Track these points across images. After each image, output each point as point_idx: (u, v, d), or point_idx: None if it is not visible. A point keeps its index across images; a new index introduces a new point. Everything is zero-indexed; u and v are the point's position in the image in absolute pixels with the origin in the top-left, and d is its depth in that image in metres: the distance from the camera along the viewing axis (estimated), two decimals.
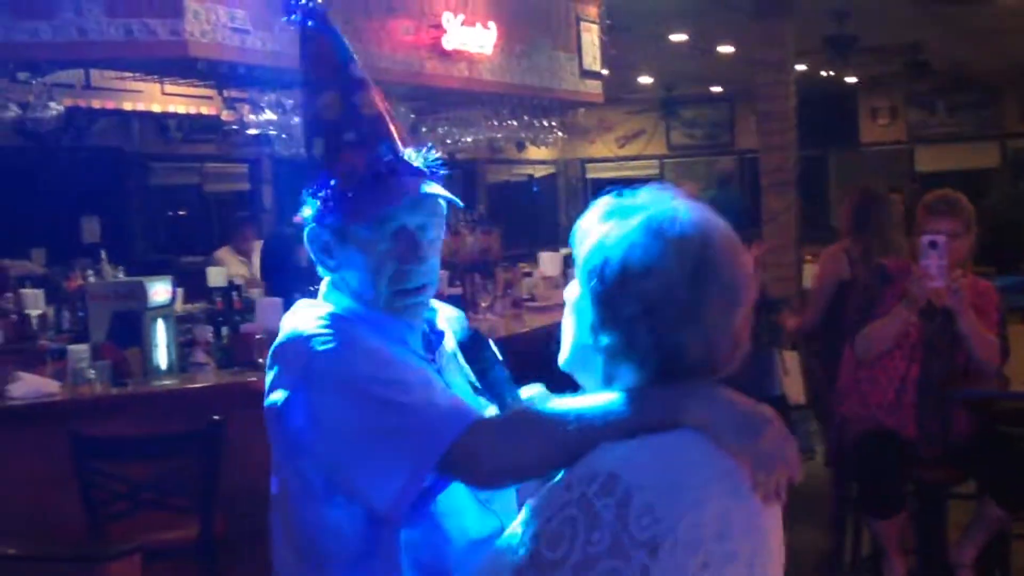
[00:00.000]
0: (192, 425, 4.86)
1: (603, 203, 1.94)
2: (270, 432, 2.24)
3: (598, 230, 1.90)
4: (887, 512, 5.18)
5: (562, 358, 1.99)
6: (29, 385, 5.37)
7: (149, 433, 4.96)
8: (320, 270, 2.35)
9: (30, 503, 4.97)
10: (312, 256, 2.34)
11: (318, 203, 2.26)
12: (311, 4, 2.28)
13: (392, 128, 2.30)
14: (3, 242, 11.92)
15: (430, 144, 2.38)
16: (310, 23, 2.29)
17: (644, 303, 1.81)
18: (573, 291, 1.95)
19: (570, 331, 1.96)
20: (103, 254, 8.47)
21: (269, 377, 2.26)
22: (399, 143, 2.30)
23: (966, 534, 5.23)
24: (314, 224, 2.28)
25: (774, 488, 1.83)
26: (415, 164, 2.28)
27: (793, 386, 7.88)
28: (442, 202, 2.29)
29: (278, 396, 2.19)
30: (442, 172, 2.32)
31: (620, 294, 1.83)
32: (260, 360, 5.90)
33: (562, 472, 1.86)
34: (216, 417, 4.73)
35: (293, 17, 2.29)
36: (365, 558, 2.13)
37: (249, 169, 14.96)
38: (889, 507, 5.17)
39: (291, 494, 2.21)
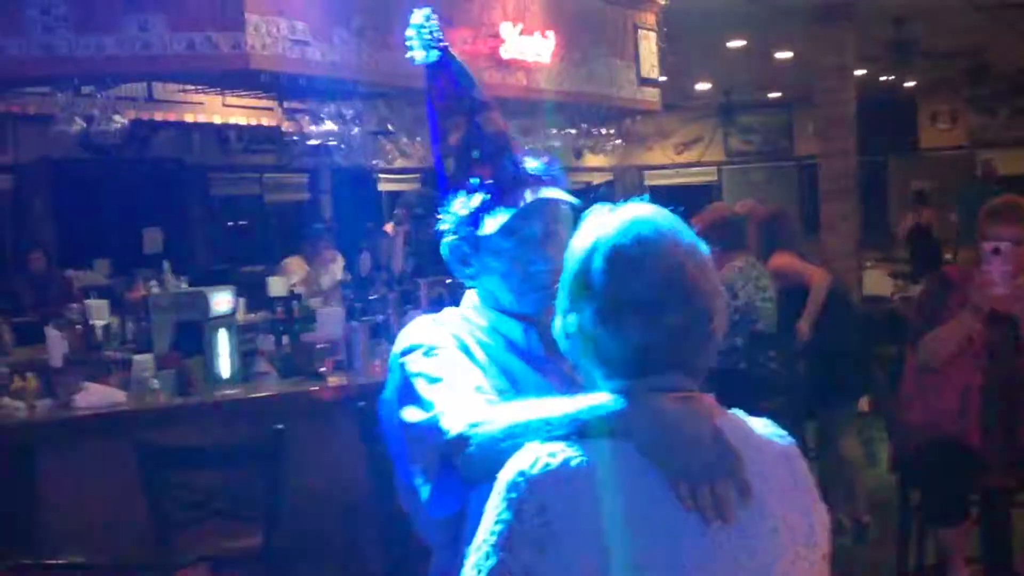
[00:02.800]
0: (255, 434, 4.91)
1: (595, 216, 2.01)
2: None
3: (586, 239, 1.95)
4: (951, 520, 5.13)
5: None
6: (96, 395, 5.43)
7: (215, 443, 5.01)
8: (463, 279, 2.55)
9: (96, 512, 5.02)
10: (452, 267, 2.53)
11: (453, 217, 2.47)
12: (439, 42, 2.51)
13: (512, 142, 2.50)
14: (67, 253, 12.09)
15: (549, 153, 2.55)
16: (438, 57, 2.52)
17: (613, 304, 1.87)
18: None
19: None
20: (166, 265, 8.54)
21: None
22: (519, 154, 2.48)
23: None
24: (452, 236, 2.48)
25: (709, 504, 1.80)
26: (535, 172, 2.46)
27: None
28: (563, 205, 2.45)
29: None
30: (560, 176, 2.49)
31: (595, 292, 1.89)
32: (322, 369, 5.95)
33: None
34: (279, 426, 4.76)
35: (424, 56, 2.52)
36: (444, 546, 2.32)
37: (308, 179, 15.08)
38: (953, 515, 5.13)
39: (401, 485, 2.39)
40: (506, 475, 1.82)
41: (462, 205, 2.45)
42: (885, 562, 5.71)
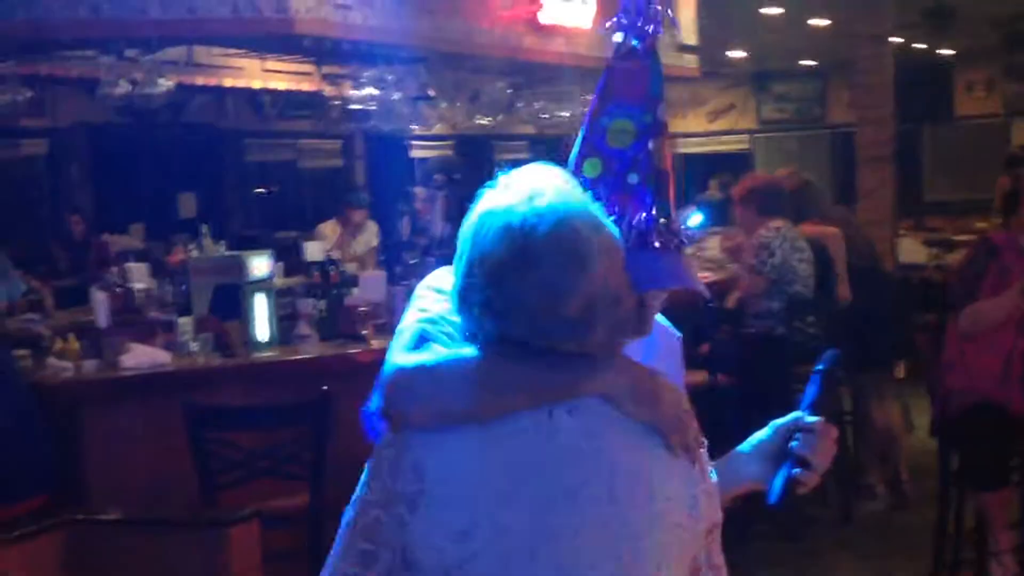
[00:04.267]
0: (298, 396, 4.95)
1: (501, 181, 1.92)
2: None
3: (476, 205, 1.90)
4: (992, 485, 5.15)
5: None
6: (142, 356, 5.47)
7: (263, 403, 5.05)
8: None
9: (143, 471, 5.08)
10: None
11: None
12: (649, 28, 2.14)
13: (672, 191, 2.16)
14: (103, 218, 12.17)
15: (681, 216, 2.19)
16: (638, 45, 2.14)
17: (479, 287, 1.82)
18: None
19: None
20: (204, 228, 8.57)
21: None
22: (672, 209, 2.15)
23: None
24: None
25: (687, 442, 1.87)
26: (681, 239, 2.14)
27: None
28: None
29: None
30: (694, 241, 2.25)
31: (465, 274, 1.84)
32: (364, 332, 5.98)
33: None
34: (324, 387, 4.80)
35: (625, 40, 2.14)
36: None
37: (342, 145, 15.10)
38: (994, 480, 5.14)
39: None
40: None
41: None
42: (924, 526, 5.73)
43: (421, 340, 1.92)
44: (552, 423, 1.81)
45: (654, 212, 2.11)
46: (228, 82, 10.21)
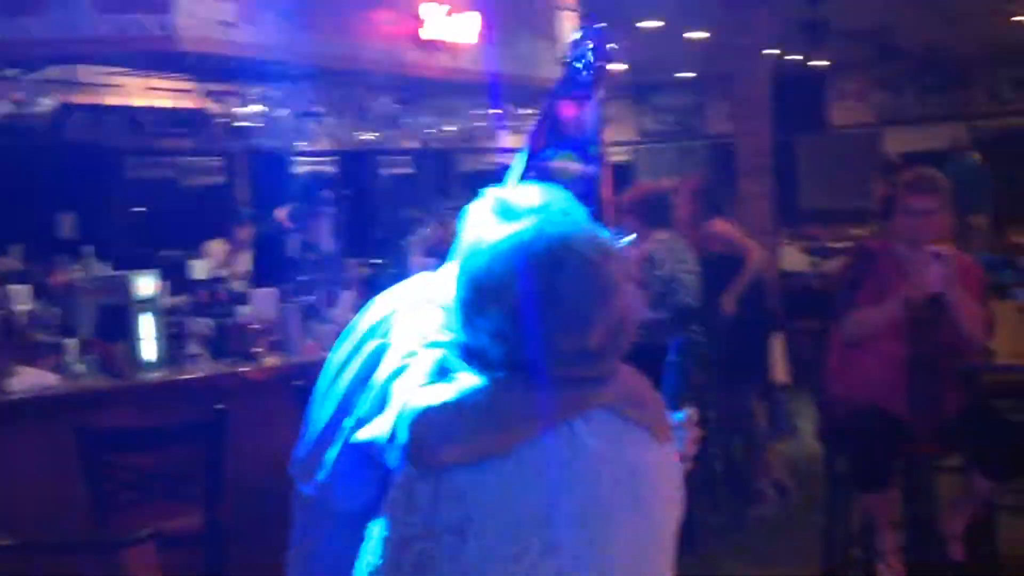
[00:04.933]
0: (191, 415, 4.92)
1: (492, 195, 1.96)
2: None
3: (481, 229, 1.91)
4: (877, 486, 5.27)
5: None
6: (29, 379, 5.39)
7: (156, 424, 5.01)
8: None
9: (35, 496, 4.99)
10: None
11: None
12: (600, 63, 2.25)
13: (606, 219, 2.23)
14: None
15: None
16: (587, 77, 2.24)
17: (494, 317, 1.85)
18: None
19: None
20: (89, 249, 8.45)
21: None
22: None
23: (954, 506, 5.33)
24: None
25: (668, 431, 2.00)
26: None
27: (777, 366, 7.99)
28: None
29: None
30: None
31: (476, 302, 1.87)
32: (257, 350, 5.95)
33: None
34: (220, 406, 4.78)
35: (576, 72, 2.23)
36: None
37: (225, 163, 14.96)
38: (879, 481, 5.26)
39: None
40: None
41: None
42: (814, 528, 5.84)
43: (442, 373, 1.92)
44: (574, 437, 1.85)
45: None
46: (110, 100, 10.08)
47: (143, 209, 15.16)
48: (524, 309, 1.80)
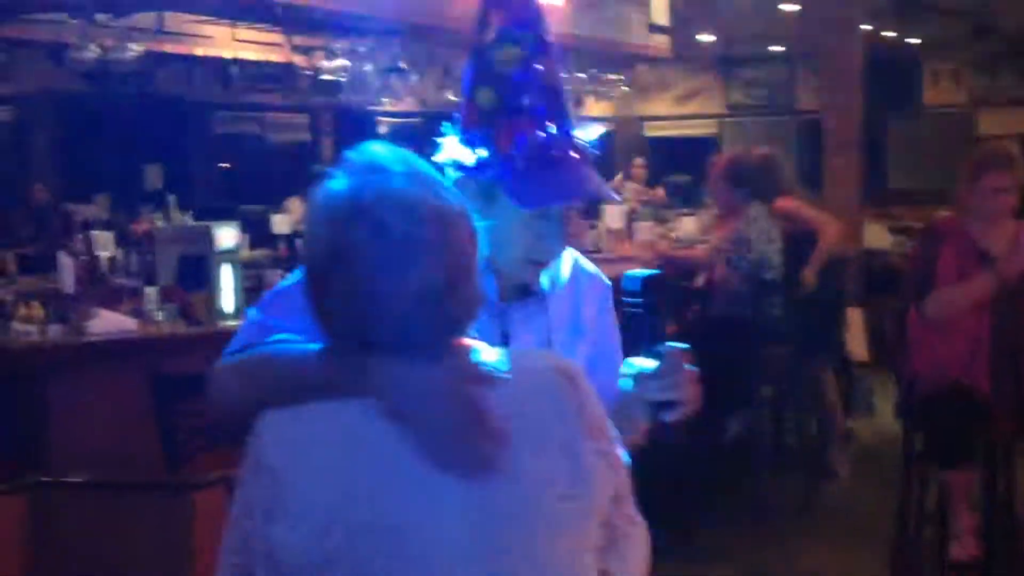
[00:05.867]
0: None
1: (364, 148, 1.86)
2: None
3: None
4: (957, 462, 5.20)
5: None
6: (109, 322, 5.44)
7: None
8: None
9: (107, 437, 5.06)
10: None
11: (477, 156, 2.19)
12: None
13: (568, 107, 2.22)
14: (68, 187, 12.10)
15: (588, 119, 2.29)
16: None
17: (310, 269, 1.80)
18: None
19: None
20: (171, 199, 8.54)
21: None
22: (572, 123, 2.22)
23: None
24: (463, 174, 2.21)
25: (458, 460, 1.75)
26: (583, 150, 2.21)
27: (856, 343, 7.90)
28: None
29: None
30: (596, 153, 2.25)
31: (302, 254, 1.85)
32: None
33: None
34: None
35: None
36: None
37: (310, 120, 15.05)
38: (959, 457, 5.19)
39: None
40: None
41: (494, 153, 2.17)
42: (886, 508, 5.77)
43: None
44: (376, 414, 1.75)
45: (550, 126, 2.15)
46: (198, 51, 10.12)
47: (227, 165, 15.31)
48: (378, 285, 1.73)
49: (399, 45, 7.81)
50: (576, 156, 2.19)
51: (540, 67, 2.18)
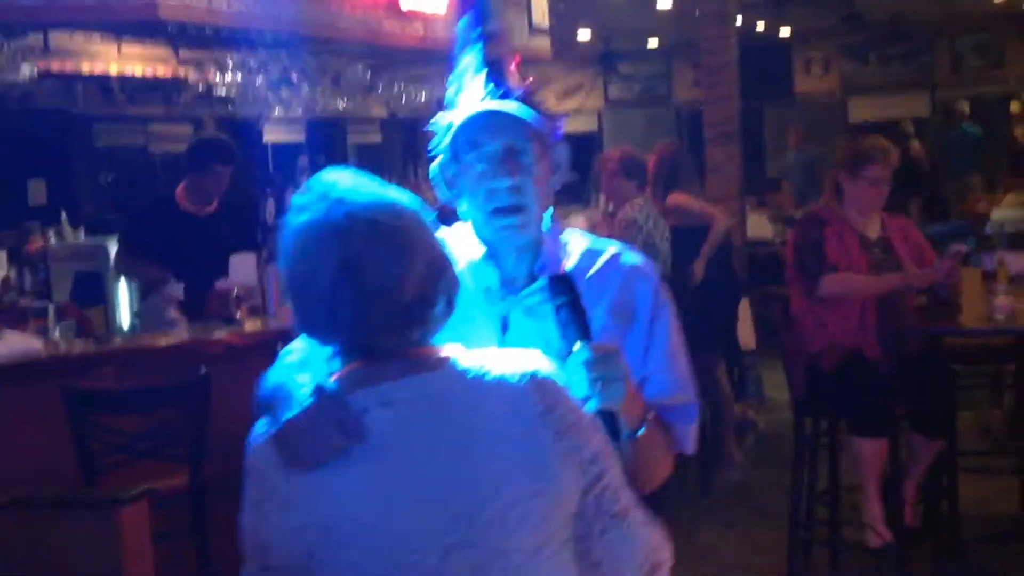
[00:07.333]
0: (175, 379, 5.00)
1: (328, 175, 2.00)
2: None
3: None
4: (879, 431, 5.44)
5: None
6: (14, 343, 5.45)
7: (143, 386, 5.10)
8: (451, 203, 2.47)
9: (22, 459, 5.07)
10: (441, 189, 2.46)
11: (439, 132, 2.41)
12: None
13: (509, 73, 2.39)
14: None
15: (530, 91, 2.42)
16: None
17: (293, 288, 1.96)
18: None
19: None
20: (63, 215, 8.51)
21: None
22: (513, 85, 2.38)
23: (905, 470, 5.56)
24: (440, 157, 2.42)
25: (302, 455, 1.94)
26: (515, 97, 2.36)
27: (744, 331, 8.14)
28: (528, 125, 2.36)
29: None
30: (540, 104, 2.40)
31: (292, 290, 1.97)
32: (238, 316, 6.03)
33: None
34: (203, 370, 4.89)
35: None
36: None
37: (193, 130, 14.97)
38: (881, 427, 5.43)
39: None
40: None
41: (448, 124, 2.39)
42: (778, 492, 5.99)
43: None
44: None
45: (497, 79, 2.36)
46: (85, 67, 10.07)
47: (110, 176, 15.16)
48: (330, 286, 1.88)
49: (288, 57, 7.91)
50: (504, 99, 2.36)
51: (488, 48, 2.38)
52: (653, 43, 19.55)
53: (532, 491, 1.89)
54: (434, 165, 2.43)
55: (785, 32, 18.22)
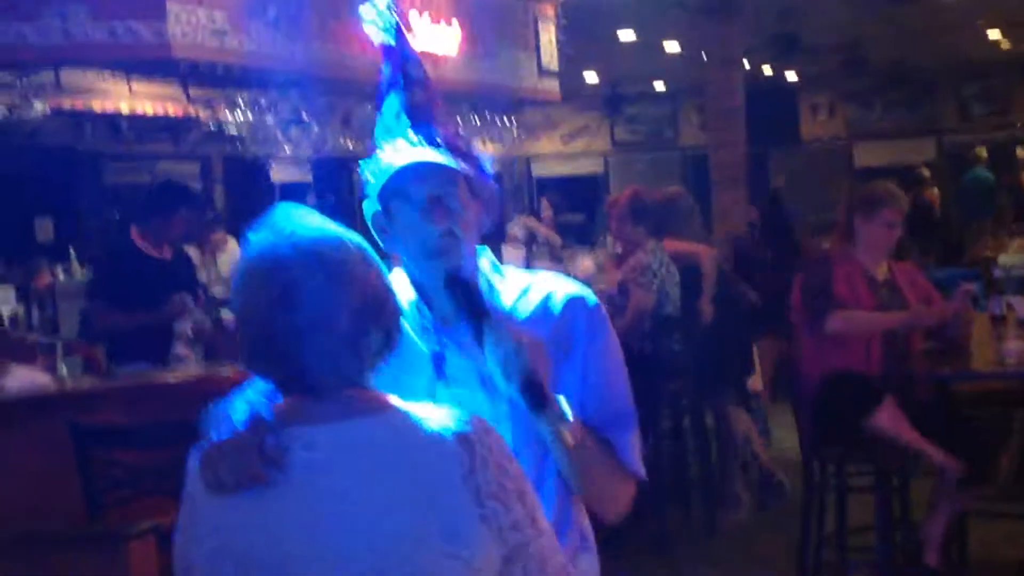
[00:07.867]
0: (181, 415, 4.99)
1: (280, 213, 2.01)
2: None
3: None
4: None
5: None
6: (23, 378, 5.46)
7: (151, 422, 5.10)
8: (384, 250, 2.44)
9: (29, 494, 5.06)
10: (374, 237, 2.43)
11: (370, 181, 2.41)
12: (394, 25, 2.45)
13: (434, 118, 2.40)
14: None
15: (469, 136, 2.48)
16: (393, 38, 2.46)
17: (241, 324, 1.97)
18: None
19: None
20: (72, 252, 8.54)
21: None
22: (442, 129, 2.39)
23: (933, 510, 5.52)
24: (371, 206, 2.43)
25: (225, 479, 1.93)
26: (440, 143, 2.37)
27: (753, 373, 8.11)
28: (451, 171, 2.36)
29: None
30: (471, 149, 2.42)
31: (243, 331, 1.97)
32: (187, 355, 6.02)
33: None
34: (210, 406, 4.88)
35: (381, 36, 2.46)
36: None
37: (200, 168, 15.03)
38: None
39: None
40: None
41: (373, 169, 2.39)
42: (788, 535, 5.95)
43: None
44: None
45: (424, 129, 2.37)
46: (96, 105, 10.10)
47: (118, 214, 15.19)
48: (267, 317, 1.89)
49: (299, 96, 7.95)
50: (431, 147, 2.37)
51: (410, 93, 2.42)
52: (660, 86, 19.64)
53: (445, 553, 1.86)
54: (365, 209, 2.45)
55: (791, 76, 18.31)
